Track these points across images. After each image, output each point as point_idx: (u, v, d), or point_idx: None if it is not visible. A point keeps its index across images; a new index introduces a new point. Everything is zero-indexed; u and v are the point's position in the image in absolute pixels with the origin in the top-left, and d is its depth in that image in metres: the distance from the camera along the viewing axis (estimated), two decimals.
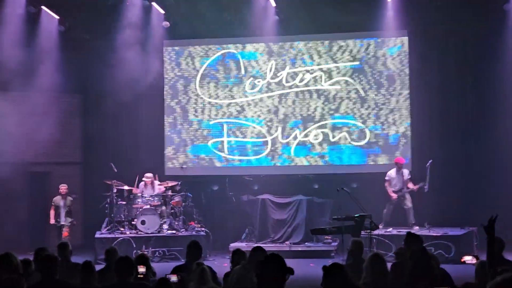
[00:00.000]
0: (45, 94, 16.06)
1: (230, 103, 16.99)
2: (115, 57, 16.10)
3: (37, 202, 16.85)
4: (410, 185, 14.81)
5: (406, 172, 15.00)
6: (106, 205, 15.17)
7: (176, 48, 17.31)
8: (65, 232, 14.80)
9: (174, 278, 6.17)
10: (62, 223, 14.96)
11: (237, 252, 7.50)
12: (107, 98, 17.07)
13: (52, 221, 15.06)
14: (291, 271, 4.36)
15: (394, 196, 14.80)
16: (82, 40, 16.69)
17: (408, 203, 14.77)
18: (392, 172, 15.03)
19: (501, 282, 2.95)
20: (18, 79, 15.26)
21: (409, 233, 7.80)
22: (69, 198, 15.15)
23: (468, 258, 7.08)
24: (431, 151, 15.60)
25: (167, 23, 16.67)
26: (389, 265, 6.92)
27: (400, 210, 14.97)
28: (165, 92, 17.14)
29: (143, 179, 15.34)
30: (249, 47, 17.02)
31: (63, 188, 15.16)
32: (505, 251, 7.81)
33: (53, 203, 15.12)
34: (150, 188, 15.24)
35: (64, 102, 17.19)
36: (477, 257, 7.13)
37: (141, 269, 6.41)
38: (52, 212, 15.08)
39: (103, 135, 17.26)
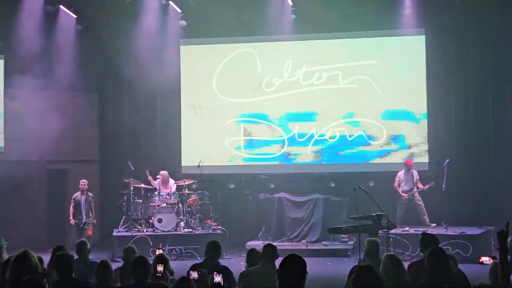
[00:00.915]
0: (63, 92, 16.19)
1: (247, 102, 16.99)
2: (132, 55, 16.16)
3: (55, 200, 16.98)
4: (420, 185, 14.83)
5: (415, 173, 15.04)
6: (123, 203, 15.24)
7: (193, 47, 17.33)
8: (88, 231, 14.39)
9: (194, 274, 6.18)
10: (84, 220, 14.47)
11: (252, 252, 7.50)
12: (124, 96, 17.21)
13: (72, 220, 14.50)
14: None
15: (405, 195, 14.82)
16: (99, 39, 16.78)
17: (420, 203, 14.79)
18: (401, 173, 15.08)
19: None
20: (36, 77, 15.37)
21: (424, 233, 7.78)
22: (90, 194, 14.73)
23: (485, 259, 7.06)
24: (449, 150, 15.53)
25: (184, 22, 16.70)
26: (405, 264, 6.91)
27: (413, 210, 14.94)
28: (182, 91, 17.17)
29: (158, 176, 15.39)
30: (266, 46, 17.00)
31: (83, 184, 14.60)
32: None
33: (73, 200, 14.58)
34: (164, 186, 15.29)
35: (82, 100, 17.31)
36: (494, 258, 7.10)
37: (159, 267, 6.43)
38: (71, 210, 14.53)
39: (120, 133, 17.38)
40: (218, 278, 6.10)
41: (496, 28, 15.70)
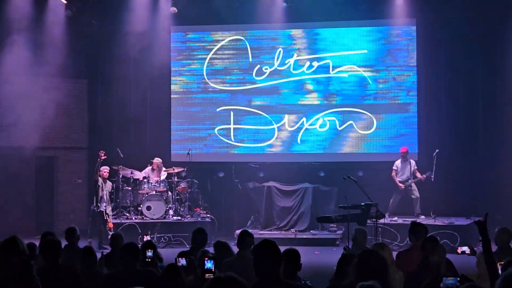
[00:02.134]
0: (52, 78, 16.06)
1: (237, 90, 16.96)
2: (122, 42, 16.07)
3: (43, 187, 16.90)
4: (418, 175, 14.83)
5: (413, 162, 15.02)
6: (112, 191, 15.20)
7: (183, 34, 17.27)
8: (110, 223, 13.98)
9: (183, 261, 6.18)
10: (102, 209, 13.91)
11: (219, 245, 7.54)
12: (114, 83, 17.11)
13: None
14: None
15: (402, 186, 14.83)
16: (89, 25, 16.66)
17: (416, 193, 14.80)
18: (398, 162, 15.09)
19: None
20: (25, 63, 15.25)
21: (413, 222, 7.80)
22: (109, 183, 14.40)
23: (464, 249, 7.10)
24: (438, 141, 15.57)
25: (175, 8, 16.60)
26: (394, 254, 6.93)
27: (406, 200, 14.99)
28: (172, 78, 17.11)
29: (152, 161, 15.34)
30: (257, 34, 16.96)
31: (105, 171, 14.16)
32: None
33: (99, 185, 14.01)
34: (156, 173, 15.25)
35: (71, 87, 17.18)
36: (471, 247, 7.14)
37: (149, 253, 6.42)
38: (99, 195, 14.02)
39: (109, 120, 17.30)
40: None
41: (486, 20, 15.70)
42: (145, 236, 8.09)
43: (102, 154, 14.00)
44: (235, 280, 2.83)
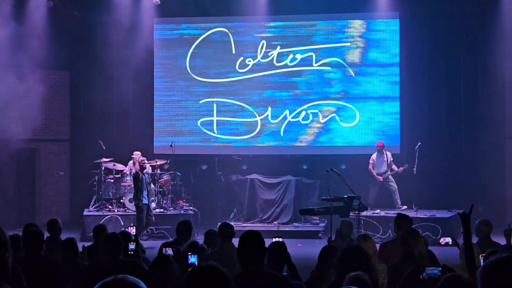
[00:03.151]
0: (33, 70, 15.91)
1: (220, 82, 16.92)
2: (105, 33, 15.97)
3: (25, 179, 16.78)
4: (394, 167, 14.95)
5: (389, 154, 15.16)
6: (94, 183, 15.13)
7: (167, 25, 17.19)
8: (153, 217, 13.52)
9: (170, 251, 6.21)
10: (146, 202, 13.15)
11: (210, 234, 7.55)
12: (96, 75, 17.00)
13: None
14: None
15: (380, 178, 14.93)
16: (71, 16, 16.53)
17: (394, 184, 14.93)
18: (374, 156, 15.21)
19: (495, 263, 2.94)
20: (5, 54, 15.11)
21: (399, 214, 7.84)
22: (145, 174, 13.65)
23: (447, 240, 7.15)
24: (420, 134, 15.65)
25: (158, 0, 16.51)
26: (377, 246, 6.97)
27: (385, 192, 15.08)
28: (154, 70, 17.04)
29: (133, 156, 15.26)
30: (240, 26, 16.93)
31: (145, 162, 13.52)
32: (492, 234, 7.89)
33: (140, 179, 13.03)
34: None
35: (53, 79, 17.05)
36: (454, 238, 7.19)
37: (131, 245, 6.41)
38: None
39: (92, 112, 17.19)
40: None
41: (469, 14, 15.78)
42: (129, 228, 8.05)
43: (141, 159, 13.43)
44: (216, 269, 2.82)
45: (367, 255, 4.91)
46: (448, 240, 7.09)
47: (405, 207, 14.54)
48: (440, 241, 7.20)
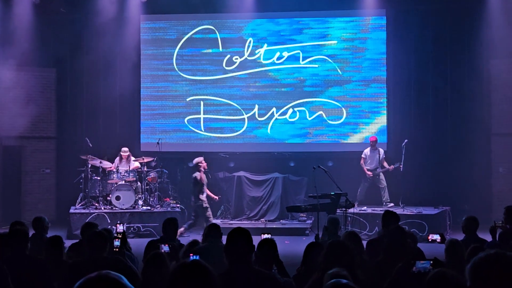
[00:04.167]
0: (19, 67, 15.82)
1: (207, 79, 16.89)
2: (91, 30, 15.90)
3: (10, 177, 16.66)
4: (386, 165, 14.97)
5: (381, 151, 15.16)
6: (81, 180, 15.06)
7: (153, 23, 17.13)
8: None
9: (166, 248, 6.22)
10: (206, 205, 13.72)
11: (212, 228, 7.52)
12: (82, 72, 16.91)
13: (205, 202, 13.79)
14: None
15: (370, 173, 14.95)
16: (57, 13, 16.42)
17: (383, 182, 14.95)
18: (367, 151, 15.20)
19: (483, 259, 2.95)
20: None
21: (387, 211, 7.87)
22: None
23: (435, 237, 7.18)
24: (407, 131, 15.71)
25: None
26: (364, 243, 6.99)
27: (374, 189, 15.11)
28: (141, 68, 16.98)
29: (121, 153, 15.22)
30: (227, 24, 16.90)
31: (204, 164, 13.84)
32: (478, 230, 7.93)
33: (200, 180, 13.68)
34: (125, 163, 15.14)
35: (39, 76, 16.94)
36: (442, 235, 7.23)
37: (116, 242, 6.39)
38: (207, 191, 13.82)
39: (78, 109, 17.11)
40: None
41: (456, 11, 15.85)
42: (117, 225, 8.02)
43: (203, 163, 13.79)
44: (200, 265, 2.84)
45: (351, 251, 4.91)
46: (437, 237, 7.12)
47: (391, 204, 14.58)
48: (429, 238, 7.23)
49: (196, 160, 14.01)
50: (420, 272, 4.75)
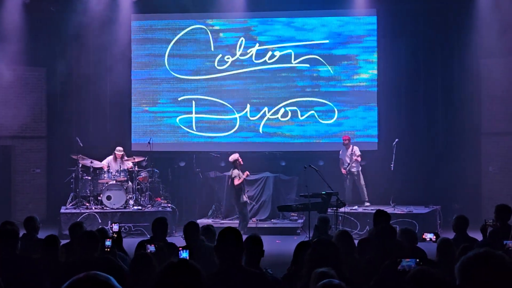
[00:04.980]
0: (9, 66, 15.76)
1: (199, 79, 16.87)
2: (82, 30, 15.86)
3: (1, 176, 16.59)
4: (354, 158, 15.03)
5: (356, 148, 15.18)
6: (72, 180, 15.01)
7: (144, 22, 17.10)
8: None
9: (152, 248, 6.22)
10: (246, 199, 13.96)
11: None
12: (73, 71, 16.86)
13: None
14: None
15: (343, 171, 15.08)
16: (47, 12, 16.36)
17: (362, 181, 15.03)
18: (342, 150, 15.34)
19: (472, 258, 2.96)
20: None
21: (378, 210, 7.91)
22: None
23: (430, 236, 7.22)
24: (398, 130, 15.74)
25: None
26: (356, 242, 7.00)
27: (358, 188, 15.17)
28: (132, 67, 16.94)
29: (115, 152, 15.17)
30: (219, 23, 16.88)
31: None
32: (468, 229, 7.96)
33: (242, 184, 13.79)
34: (119, 163, 15.10)
35: (29, 75, 16.88)
36: (437, 235, 7.26)
37: (107, 242, 6.38)
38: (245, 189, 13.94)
39: (68, 108, 17.05)
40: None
41: (446, 11, 15.89)
42: (113, 225, 7.98)
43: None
44: (189, 265, 2.84)
45: (337, 249, 4.91)
46: (431, 236, 7.15)
47: (368, 204, 14.76)
48: (424, 236, 7.28)
49: (233, 157, 14.03)
50: (405, 270, 4.77)
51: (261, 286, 4.62)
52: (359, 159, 14.94)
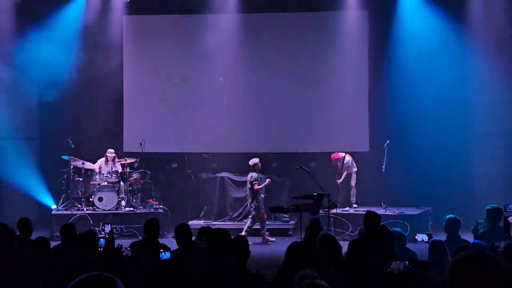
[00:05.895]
0: (1, 67, 15.69)
1: (191, 80, 16.82)
2: (74, 31, 15.82)
3: None
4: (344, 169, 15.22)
5: (348, 159, 15.22)
6: (63, 181, 14.99)
7: (136, 24, 17.06)
8: (265, 214, 14.06)
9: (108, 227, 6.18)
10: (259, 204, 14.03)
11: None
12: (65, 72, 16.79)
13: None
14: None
15: (338, 181, 15.18)
16: (39, 12, 16.31)
17: (353, 182, 15.08)
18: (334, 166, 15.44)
19: (463, 258, 2.99)
20: None
21: (368, 212, 7.94)
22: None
23: (422, 237, 7.25)
24: (389, 132, 15.77)
25: None
26: (346, 243, 7.02)
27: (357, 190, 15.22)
28: (124, 68, 16.90)
29: (107, 154, 15.15)
30: (211, 24, 16.79)
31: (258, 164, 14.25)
32: (460, 230, 8.01)
33: (256, 182, 13.94)
34: (110, 165, 15.09)
35: (21, 76, 16.77)
36: (429, 235, 7.30)
37: (101, 241, 6.38)
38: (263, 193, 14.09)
39: (60, 109, 16.97)
40: (166, 255, 6.13)
41: (437, 11, 15.93)
42: (105, 226, 8.00)
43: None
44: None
45: (311, 249, 4.93)
46: (424, 237, 7.19)
47: (355, 205, 14.81)
48: (416, 237, 7.31)
49: (253, 161, 14.13)
50: (393, 272, 4.80)
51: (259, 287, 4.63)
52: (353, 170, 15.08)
